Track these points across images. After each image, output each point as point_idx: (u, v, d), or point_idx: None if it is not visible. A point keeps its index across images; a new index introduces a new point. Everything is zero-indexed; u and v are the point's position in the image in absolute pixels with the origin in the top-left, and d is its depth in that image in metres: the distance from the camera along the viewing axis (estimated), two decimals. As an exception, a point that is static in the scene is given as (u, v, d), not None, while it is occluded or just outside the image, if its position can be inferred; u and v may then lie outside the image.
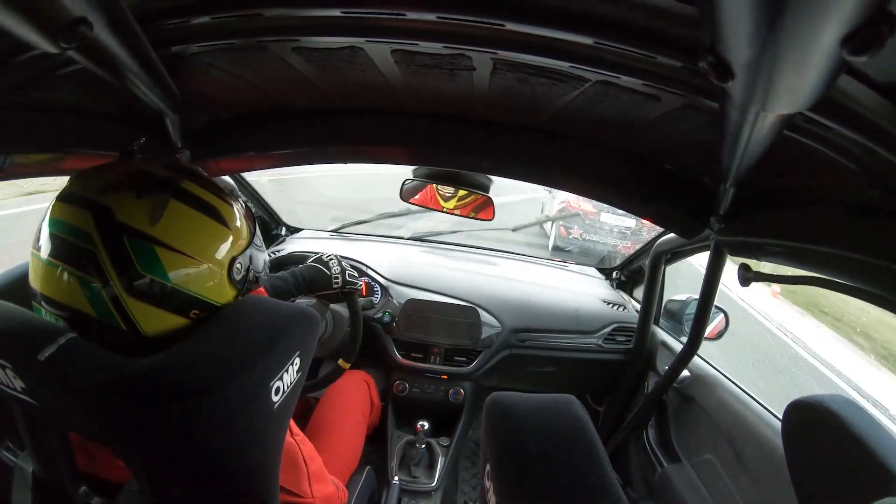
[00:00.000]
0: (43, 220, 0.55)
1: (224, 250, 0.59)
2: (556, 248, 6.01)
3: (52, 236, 0.53)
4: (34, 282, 0.54)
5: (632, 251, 1.95)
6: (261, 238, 0.67)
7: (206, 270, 0.57)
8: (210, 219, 0.58)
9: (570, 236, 6.01)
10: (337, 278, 1.20)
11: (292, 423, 0.72)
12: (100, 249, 0.51)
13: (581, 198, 5.46)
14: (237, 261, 0.60)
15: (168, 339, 0.55)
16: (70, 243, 0.52)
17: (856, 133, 0.49)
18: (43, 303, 0.54)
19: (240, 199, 0.64)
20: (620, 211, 6.59)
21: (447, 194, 1.54)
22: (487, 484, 0.46)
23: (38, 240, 0.54)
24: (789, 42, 0.29)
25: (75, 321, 0.52)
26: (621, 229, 5.82)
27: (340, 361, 1.28)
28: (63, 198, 0.55)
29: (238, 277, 0.61)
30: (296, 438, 0.70)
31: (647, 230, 5.74)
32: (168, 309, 0.54)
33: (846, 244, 0.60)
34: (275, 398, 0.54)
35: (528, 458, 0.44)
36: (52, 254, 0.52)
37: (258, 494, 0.56)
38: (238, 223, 0.61)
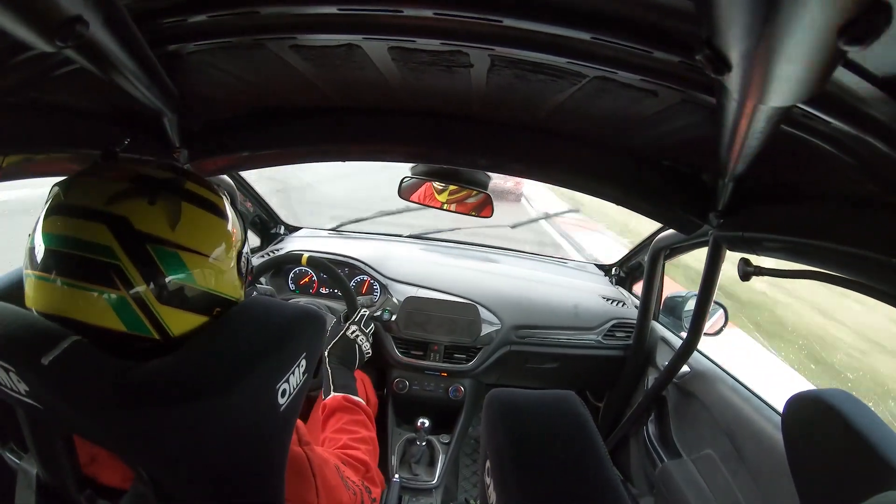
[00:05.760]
0: (35, 237, 0.50)
1: (231, 245, 0.59)
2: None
3: (61, 255, 0.49)
4: (43, 306, 0.50)
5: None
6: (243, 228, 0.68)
7: (222, 267, 0.57)
8: (216, 216, 0.58)
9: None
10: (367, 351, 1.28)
11: (304, 430, 0.71)
12: (124, 262, 0.49)
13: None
14: (242, 253, 0.61)
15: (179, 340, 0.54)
16: (87, 259, 0.48)
17: (854, 127, 0.49)
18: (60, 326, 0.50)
19: (226, 192, 0.64)
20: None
21: (444, 191, 1.54)
22: (487, 480, 0.46)
23: (35, 260, 0.49)
24: (785, 33, 0.29)
25: (100, 341, 0.49)
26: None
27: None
28: (61, 211, 0.50)
29: (244, 270, 0.62)
30: (304, 448, 0.68)
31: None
32: (195, 310, 0.54)
33: (845, 239, 0.60)
34: (281, 400, 0.54)
35: (528, 455, 0.44)
36: (67, 274, 0.48)
37: (264, 498, 0.56)
38: (232, 216, 0.61)
